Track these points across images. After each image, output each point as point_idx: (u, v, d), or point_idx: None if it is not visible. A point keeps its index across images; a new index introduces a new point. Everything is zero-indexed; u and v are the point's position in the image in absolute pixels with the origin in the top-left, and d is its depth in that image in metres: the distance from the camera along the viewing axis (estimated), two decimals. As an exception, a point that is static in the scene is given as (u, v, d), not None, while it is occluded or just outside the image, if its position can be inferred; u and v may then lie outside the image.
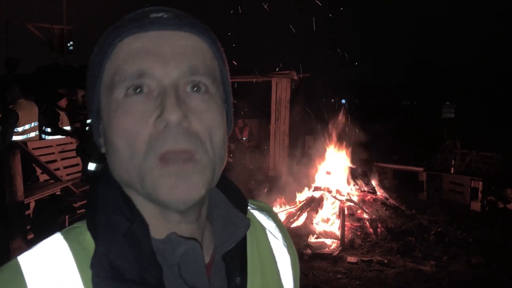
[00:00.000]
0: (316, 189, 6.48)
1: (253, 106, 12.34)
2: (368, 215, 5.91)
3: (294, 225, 5.77)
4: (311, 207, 6.01)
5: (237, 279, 0.63)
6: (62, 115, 6.99)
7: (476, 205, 7.36)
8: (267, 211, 0.79)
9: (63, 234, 0.59)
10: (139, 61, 0.56)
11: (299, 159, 7.83)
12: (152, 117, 0.55)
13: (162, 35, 0.58)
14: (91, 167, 3.86)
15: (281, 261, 0.74)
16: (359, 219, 5.88)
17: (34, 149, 5.79)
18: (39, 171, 5.77)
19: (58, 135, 6.72)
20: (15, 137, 5.81)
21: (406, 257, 5.08)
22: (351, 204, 6.10)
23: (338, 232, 5.55)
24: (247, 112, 12.39)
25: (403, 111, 30.47)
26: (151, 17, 0.59)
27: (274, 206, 6.31)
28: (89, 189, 0.63)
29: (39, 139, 6.36)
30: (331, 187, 6.46)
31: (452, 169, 8.44)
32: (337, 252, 5.14)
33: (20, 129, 5.88)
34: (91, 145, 3.93)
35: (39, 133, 6.39)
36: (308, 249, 5.18)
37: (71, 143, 6.64)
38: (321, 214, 5.97)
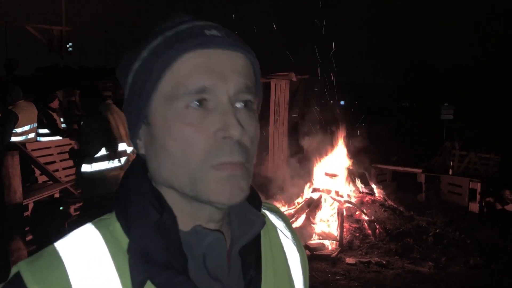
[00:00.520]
0: (314, 190, 6.48)
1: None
2: (366, 217, 5.92)
3: (292, 226, 5.77)
4: (309, 208, 6.01)
5: (252, 272, 0.67)
6: (54, 116, 6.99)
7: (474, 207, 7.37)
8: (276, 211, 0.86)
9: (94, 224, 0.65)
10: (201, 77, 0.61)
11: (298, 160, 7.83)
12: (211, 129, 0.60)
13: (221, 54, 0.63)
14: (85, 168, 3.84)
15: (291, 258, 0.80)
16: (358, 221, 5.89)
17: (33, 150, 5.79)
18: (38, 172, 5.77)
19: (56, 136, 6.71)
20: (14, 138, 5.81)
21: (404, 258, 5.09)
22: (350, 205, 6.11)
23: (336, 233, 5.56)
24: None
25: (402, 112, 30.50)
26: (207, 34, 0.63)
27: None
28: (119, 185, 0.68)
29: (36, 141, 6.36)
30: (329, 188, 6.47)
31: (450, 170, 8.46)
32: (336, 253, 5.15)
33: (19, 130, 5.88)
34: (84, 146, 3.90)
35: (35, 135, 6.39)
36: (306, 250, 5.17)
37: (70, 145, 6.63)
38: (319, 215, 5.97)
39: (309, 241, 5.43)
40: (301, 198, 6.54)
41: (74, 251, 0.60)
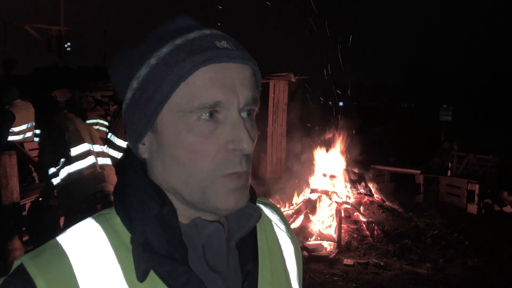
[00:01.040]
0: (313, 191, 6.48)
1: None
2: (364, 218, 5.92)
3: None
4: (308, 209, 6.01)
5: (250, 264, 0.70)
6: None
7: (472, 208, 7.38)
8: (271, 205, 0.89)
9: (94, 218, 0.66)
10: (214, 91, 0.62)
11: (296, 161, 7.82)
12: (221, 140, 0.63)
13: (231, 67, 0.65)
14: (56, 180, 3.76)
15: (286, 250, 0.82)
16: (356, 222, 5.88)
17: (30, 150, 5.77)
18: (35, 172, 5.76)
19: None
20: (11, 138, 5.79)
21: (402, 259, 5.09)
22: (348, 206, 6.11)
23: (334, 234, 5.55)
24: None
25: (400, 114, 30.53)
26: (218, 46, 0.64)
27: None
28: (118, 180, 0.71)
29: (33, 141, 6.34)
30: (328, 189, 6.47)
31: (449, 171, 8.47)
32: (334, 254, 5.15)
33: (16, 129, 5.86)
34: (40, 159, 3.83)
35: (33, 134, 6.37)
36: (304, 251, 5.18)
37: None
38: (317, 216, 5.97)
39: (307, 242, 5.42)
40: (299, 198, 6.54)
41: (77, 245, 0.61)
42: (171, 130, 0.64)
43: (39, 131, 3.97)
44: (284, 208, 6.37)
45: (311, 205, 6.08)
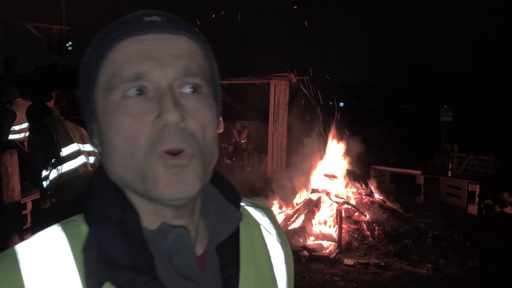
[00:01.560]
0: (313, 191, 6.47)
1: (251, 108, 12.33)
2: (365, 218, 5.92)
3: (291, 227, 5.77)
4: (308, 209, 6.01)
5: (231, 270, 0.65)
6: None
7: (473, 209, 7.37)
8: (263, 208, 0.82)
9: (60, 225, 0.62)
10: (136, 64, 0.58)
11: (297, 161, 7.82)
12: (150, 117, 0.57)
13: (158, 38, 0.60)
14: (46, 182, 3.74)
15: (275, 255, 0.76)
16: (357, 222, 5.88)
17: (31, 149, 5.77)
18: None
19: None
20: (11, 136, 5.79)
21: (403, 260, 5.09)
22: (349, 206, 6.11)
23: (335, 234, 5.55)
24: (245, 114, 12.39)
25: (401, 114, 30.53)
26: (145, 20, 0.61)
27: (271, 207, 6.29)
28: (86, 184, 0.66)
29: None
30: (328, 189, 6.46)
31: (449, 172, 8.46)
32: (334, 254, 5.14)
33: (17, 127, 5.86)
34: (30, 161, 3.81)
35: None
36: (305, 251, 5.18)
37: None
38: (318, 216, 5.97)
39: (307, 242, 5.42)
40: (300, 199, 6.53)
41: (34, 255, 0.57)
42: (102, 114, 0.60)
43: (28, 134, 3.95)
44: (284, 208, 6.37)
45: (312, 205, 6.08)
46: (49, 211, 3.82)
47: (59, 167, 3.65)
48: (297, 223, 5.86)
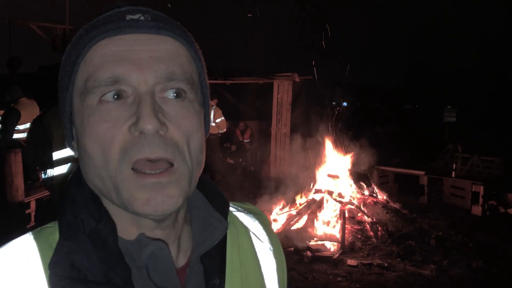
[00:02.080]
0: (317, 191, 6.46)
1: (254, 108, 12.33)
2: (368, 218, 5.90)
3: (294, 227, 5.76)
4: (311, 209, 6.00)
5: (215, 281, 0.62)
6: None
7: (477, 210, 7.34)
8: (254, 213, 0.77)
9: (33, 234, 0.58)
10: (113, 66, 0.54)
11: (300, 161, 7.81)
12: (126, 124, 0.54)
13: (138, 39, 0.56)
14: (50, 172, 3.71)
15: (266, 265, 0.72)
16: (360, 222, 5.87)
17: (35, 148, 5.78)
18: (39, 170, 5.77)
19: None
20: (16, 135, 5.81)
21: (406, 260, 5.07)
22: (352, 207, 6.09)
23: (338, 234, 5.54)
24: (248, 114, 12.39)
25: (404, 115, 30.46)
26: (127, 18, 0.57)
27: (274, 207, 6.30)
28: (62, 189, 0.63)
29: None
30: (332, 189, 6.45)
31: (453, 173, 8.43)
32: (337, 255, 5.13)
33: (21, 127, 5.87)
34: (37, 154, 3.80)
35: None
36: (308, 252, 5.17)
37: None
38: (321, 216, 5.96)
39: (310, 243, 5.41)
40: (303, 199, 6.52)
41: (1, 266, 0.53)
42: (78, 118, 0.57)
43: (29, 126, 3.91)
44: (287, 208, 6.36)
45: (315, 206, 6.07)
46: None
47: (49, 170, 3.60)
48: (300, 224, 5.85)
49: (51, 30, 13.99)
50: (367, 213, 6.01)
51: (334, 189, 6.46)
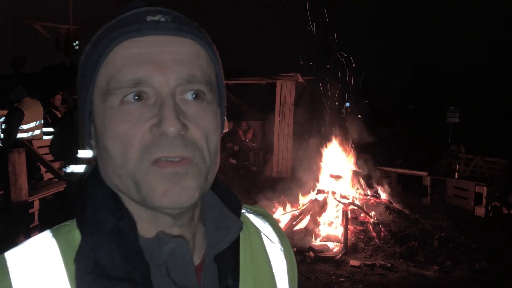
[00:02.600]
0: (319, 192, 6.46)
1: (257, 108, 12.34)
2: (371, 219, 5.89)
3: (297, 228, 5.76)
4: (314, 210, 6.00)
5: (229, 281, 0.63)
6: (58, 114, 7.03)
7: (480, 211, 7.32)
8: (264, 215, 0.79)
9: (52, 231, 0.59)
10: (136, 68, 0.55)
11: (303, 161, 7.81)
12: (147, 124, 0.55)
13: (160, 41, 0.57)
14: (72, 168, 3.75)
15: (277, 265, 0.73)
16: (363, 223, 5.86)
17: (39, 147, 5.81)
18: (43, 169, 5.79)
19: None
20: (20, 135, 5.83)
21: (409, 261, 5.06)
22: (355, 207, 6.08)
23: (341, 235, 5.53)
24: (251, 114, 12.40)
25: (407, 115, 30.39)
26: (148, 20, 0.57)
27: (277, 208, 6.30)
28: (79, 189, 0.63)
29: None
30: (334, 190, 6.45)
31: (456, 174, 8.40)
32: (340, 255, 5.13)
33: (25, 126, 5.90)
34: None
35: (41, 132, 6.41)
36: (310, 252, 5.17)
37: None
38: (324, 217, 5.95)
39: (313, 243, 5.41)
40: (305, 199, 6.52)
41: (24, 262, 0.55)
42: (99, 118, 0.58)
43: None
44: (290, 208, 6.36)
45: (318, 206, 6.07)
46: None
47: (72, 166, 3.65)
48: (303, 224, 5.85)
49: (55, 30, 14.05)
50: (369, 213, 6.00)
51: (337, 190, 6.46)
